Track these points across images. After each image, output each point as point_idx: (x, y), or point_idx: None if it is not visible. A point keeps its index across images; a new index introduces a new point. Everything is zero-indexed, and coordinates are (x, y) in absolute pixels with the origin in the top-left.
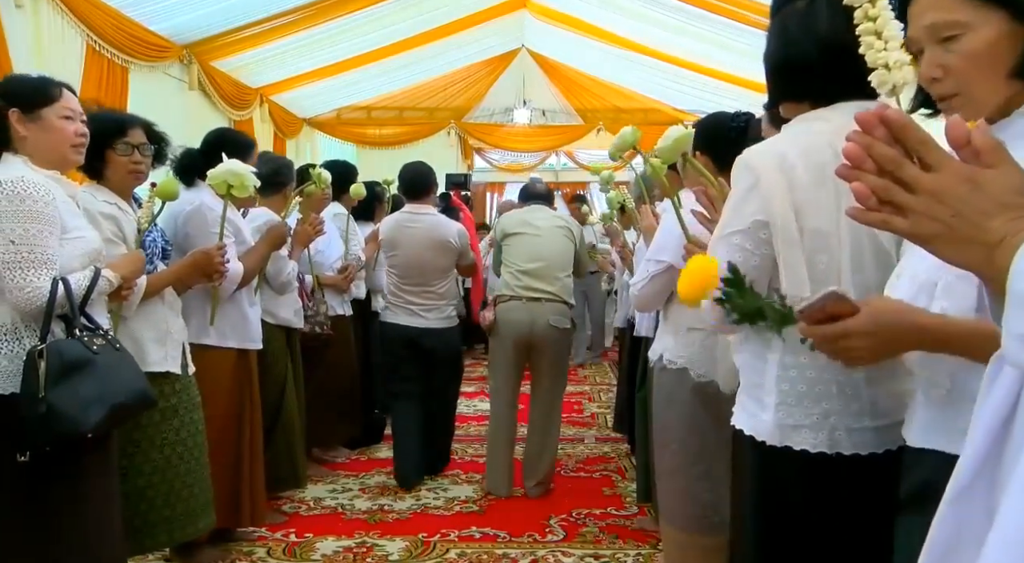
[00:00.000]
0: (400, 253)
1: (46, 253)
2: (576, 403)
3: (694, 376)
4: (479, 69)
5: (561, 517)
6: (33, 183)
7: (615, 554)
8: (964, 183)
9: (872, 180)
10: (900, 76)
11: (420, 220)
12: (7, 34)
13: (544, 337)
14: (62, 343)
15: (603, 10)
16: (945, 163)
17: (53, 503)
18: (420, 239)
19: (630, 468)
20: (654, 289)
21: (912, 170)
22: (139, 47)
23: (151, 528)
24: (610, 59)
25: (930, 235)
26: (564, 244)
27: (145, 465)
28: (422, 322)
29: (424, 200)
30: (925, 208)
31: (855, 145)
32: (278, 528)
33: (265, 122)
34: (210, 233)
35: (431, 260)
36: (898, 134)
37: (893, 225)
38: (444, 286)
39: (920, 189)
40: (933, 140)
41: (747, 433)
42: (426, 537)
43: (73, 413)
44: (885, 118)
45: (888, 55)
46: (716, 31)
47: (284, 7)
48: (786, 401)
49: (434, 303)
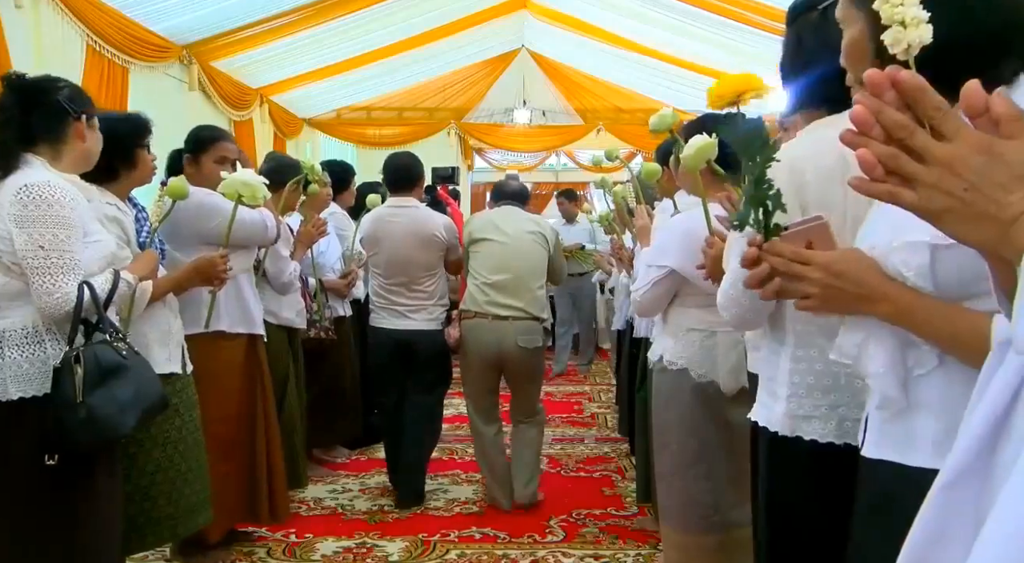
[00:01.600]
0: (382, 250)
1: (73, 258)
2: (576, 403)
3: (695, 376)
4: (479, 69)
5: (561, 518)
6: (60, 188)
7: (615, 554)
8: (981, 153)
9: (879, 148)
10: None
11: (403, 214)
12: (7, 34)
13: (513, 358)
14: (97, 348)
15: (603, 10)
16: (962, 132)
17: (71, 503)
18: (403, 233)
19: (630, 468)
20: (656, 294)
21: (924, 138)
22: (139, 47)
23: (154, 525)
24: (610, 59)
25: (940, 210)
26: (536, 252)
27: (148, 464)
28: (409, 324)
29: (409, 192)
30: (936, 180)
31: (862, 109)
32: (278, 529)
33: (265, 122)
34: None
35: (416, 256)
36: (911, 98)
37: (900, 198)
38: (432, 284)
39: (932, 159)
40: (949, 107)
41: (761, 424)
42: (426, 538)
43: (113, 417)
44: (897, 80)
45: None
46: (716, 31)
47: (284, 7)
48: (797, 392)
49: (421, 303)
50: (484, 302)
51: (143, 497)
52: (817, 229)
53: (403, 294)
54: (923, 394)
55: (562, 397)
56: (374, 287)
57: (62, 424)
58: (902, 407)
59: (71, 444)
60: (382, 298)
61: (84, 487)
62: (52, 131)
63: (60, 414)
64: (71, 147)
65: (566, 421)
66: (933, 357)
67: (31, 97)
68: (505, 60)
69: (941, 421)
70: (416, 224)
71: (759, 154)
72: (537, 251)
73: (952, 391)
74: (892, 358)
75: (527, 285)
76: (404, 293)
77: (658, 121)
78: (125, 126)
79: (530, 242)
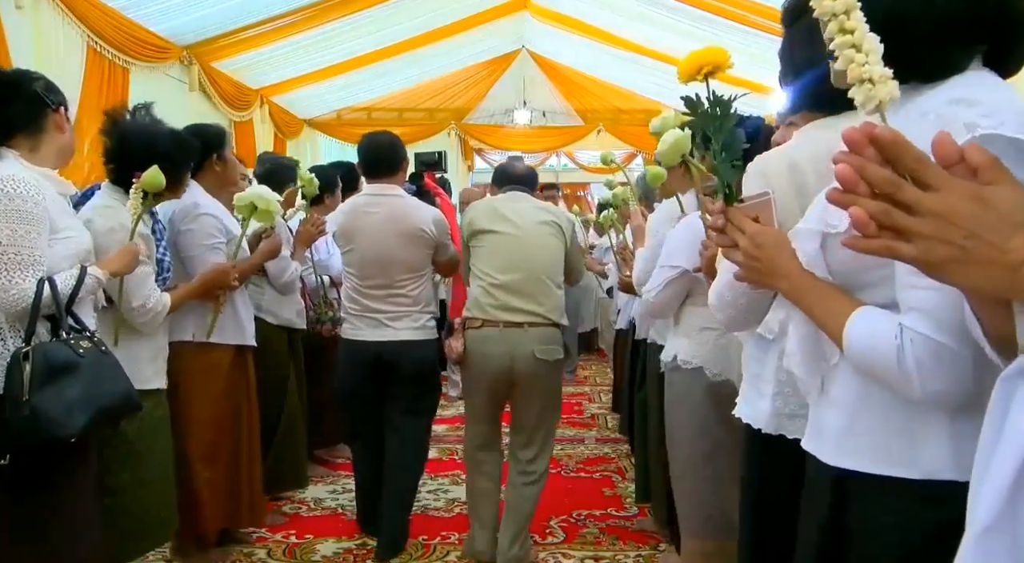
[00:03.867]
0: (357, 246)
1: (33, 254)
2: (576, 404)
3: (709, 375)
4: (479, 70)
5: (561, 518)
6: (24, 182)
7: (615, 555)
8: (973, 201)
9: (869, 204)
10: (886, 91)
11: (382, 203)
12: (8, 35)
13: (528, 374)
14: (48, 345)
15: (603, 11)
16: (946, 182)
17: (29, 504)
18: (381, 227)
19: (630, 469)
20: (670, 295)
21: (912, 191)
22: (140, 48)
23: (152, 531)
24: (610, 59)
25: (943, 260)
26: (553, 245)
27: (145, 475)
28: (390, 334)
29: (389, 179)
30: (933, 231)
31: (846, 167)
32: (278, 529)
33: (265, 123)
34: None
35: (397, 254)
36: (890, 152)
37: (898, 252)
38: (417, 288)
39: (924, 211)
40: (929, 158)
41: (745, 421)
42: (426, 540)
43: (58, 416)
44: (874, 137)
45: (871, 69)
46: (716, 32)
47: (284, 8)
48: (783, 391)
49: (404, 310)
50: (491, 307)
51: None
52: (762, 205)
53: (381, 299)
54: (832, 385)
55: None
56: (347, 291)
57: (7, 423)
58: (815, 390)
59: (16, 443)
60: (356, 304)
61: (42, 487)
62: (31, 122)
63: (6, 412)
64: (50, 138)
65: (566, 421)
66: (835, 348)
67: (8, 90)
68: (505, 61)
69: (841, 416)
70: (398, 216)
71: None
72: (553, 244)
73: (849, 386)
74: (804, 339)
75: (544, 285)
76: (383, 298)
77: (660, 124)
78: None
79: (546, 233)
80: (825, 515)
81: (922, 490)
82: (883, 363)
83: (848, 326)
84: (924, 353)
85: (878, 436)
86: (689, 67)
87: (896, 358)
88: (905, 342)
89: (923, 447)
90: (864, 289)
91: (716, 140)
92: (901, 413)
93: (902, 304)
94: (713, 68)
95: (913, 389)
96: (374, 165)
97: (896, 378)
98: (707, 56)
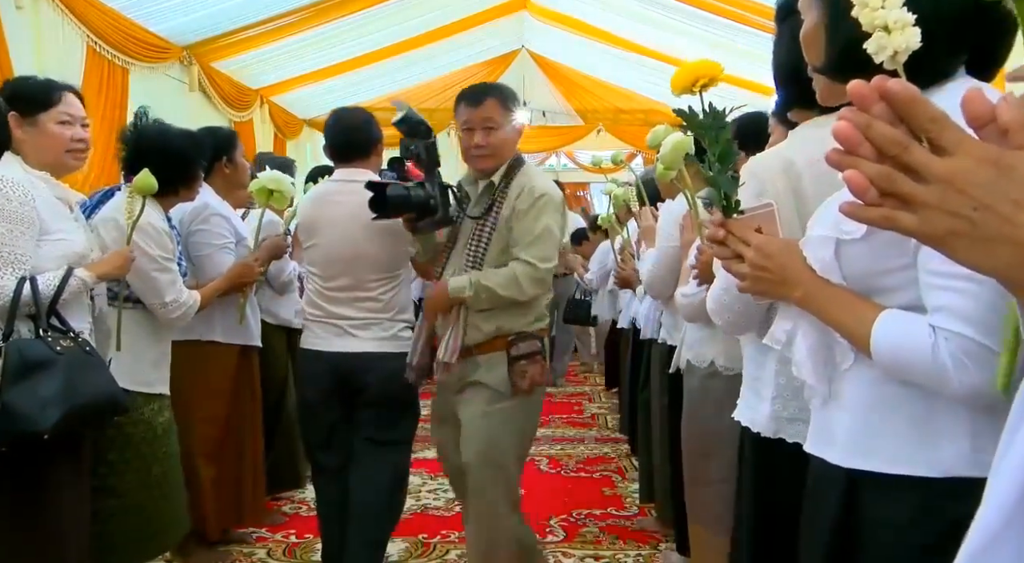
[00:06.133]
0: (321, 241)
1: (14, 252)
2: (576, 404)
3: None
4: (479, 70)
5: (561, 517)
6: (12, 183)
7: (615, 555)
8: (988, 167)
9: (870, 167)
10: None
11: (351, 192)
12: (7, 35)
13: None
14: (23, 342)
15: (603, 10)
16: (964, 144)
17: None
18: (349, 219)
19: (630, 468)
20: None
21: (922, 153)
22: (139, 48)
23: (161, 536)
24: (610, 59)
25: (945, 233)
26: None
27: (148, 479)
28: (352, 344)
29: (360, 163)
30: (939, 200)
31: (847, 125)
32: (278, 529)
33: (265, 123)
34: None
35: (366, 250)
36: (903, 109)
37: (898, 222)
38: (389, 291)
39: (932, 176)
40: (948, 117)
41: (744, 424)
42: (426, 539)
43: (30, 413)
44: (886, 90)
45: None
46: (716, 32)
47: (284, 8)
48: (782, 394)
49: (373, 316)
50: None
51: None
52: (765, 215)
53: (346, 303)
54: (842, 390)
55: (562, 397)
56: (308, 293)
57: None
58: (824, 396)
59: None
60: (318, 309)
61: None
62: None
63: None
64: (21, 145)
65: (566, 421)
66: (850, 352)
67: None
68: (505, 61)
69: (854, 419)
70: (368, 206)
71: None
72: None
73: (863, 388)
74: (814, 347)
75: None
76: (348, 302)
77: (652, 137)
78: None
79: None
80: (835, 516)
81: (939, 488)
82: (917, 363)
83: (876, 329)
84: (959, 350)
85: (894, 436)
86: (683, 80)
87: (931, 356)
88: (939, 340)
89: (941, 446)
90: (879, 294)
91: (712, 151)
92: (919, 413)
93: (929, 306)
94: (708, 81)
95: (950, 386)
96: (342, 146)
97: (932, 377)
98: (701, 69)
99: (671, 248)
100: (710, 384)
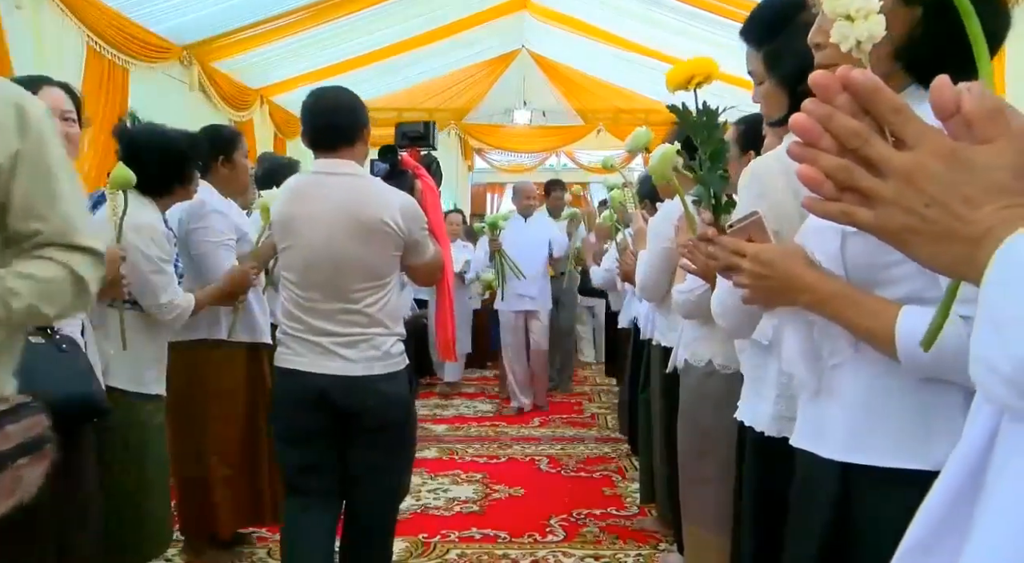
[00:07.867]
0: (297, 243)
1: None
2: (576, 403)
3: None
4: (479, 70)
5: (561, 517)
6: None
7: (615, 554)
8: (943, 161)
9: (828, 160)
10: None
11: (333, 185)
12: (7, 35)
13: None
14: None
15: (603, 10)
16: (926, 137)
17: None
18: (330, 216)
19: (630, 468)
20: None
21: (882, 147)
22: (139, 48)
23: (160, 536)
24: (610, 59)
25: (900, 229)
26: None
27: (146, 479)
28: (339, 367)
29: (345, 152)
30: (895, 196)
31: (806, 117)
32: (278, 529)
33: (265, 123)
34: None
35: (351, 252)
36: (866, 100)
37: (855, 218)
38: (378, 302)
39: (890, 171)
40: (910, 108)
41: (747, 424)
42: (426, 538)
43: None
44: (848, 81)
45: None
46: (716, 32)
47: (284, 8)
48: (785, 394)
49: (361, 333)
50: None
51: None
52: (754, 224)
53: (329, 317)
54: (835, 384)
55: (562, 397)
56: (283, 303)
57: None
58: (815, 390)
59: None
60: (296, 322)
61: None
62: None
63: None
64: None
65: (566, 421)
66: (847, 347)
67: None
68: (505, 61)
69: (848, 413)
70: (352, 203)
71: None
72: None
73: (859, 383)
74: (803, 342)
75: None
76: (331, 316)
77: (632, 141)
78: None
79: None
80: (829, 511)
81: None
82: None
83: (900, 324)
84: None
85: (889, 430)
86: (678, 77)
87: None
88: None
89: (937, 439)
90: (882, 286)
91: (704, 150)
92: (914, 406)
93: None
94: (703, 78)
95: None
96: (323, 133)
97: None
98: (696, 66)
99: (663, 249)
100: (708, 383)
